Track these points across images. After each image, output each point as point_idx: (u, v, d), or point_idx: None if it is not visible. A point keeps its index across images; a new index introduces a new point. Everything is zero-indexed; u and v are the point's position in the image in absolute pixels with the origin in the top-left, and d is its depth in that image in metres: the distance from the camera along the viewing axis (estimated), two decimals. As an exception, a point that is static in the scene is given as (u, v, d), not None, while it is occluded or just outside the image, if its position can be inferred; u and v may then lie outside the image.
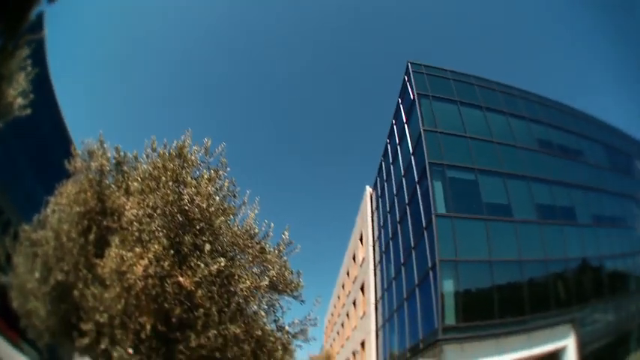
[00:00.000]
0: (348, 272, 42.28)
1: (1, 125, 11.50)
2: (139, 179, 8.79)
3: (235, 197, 9.28)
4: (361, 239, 36.78)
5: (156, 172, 8.50)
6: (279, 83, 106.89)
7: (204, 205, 8.25)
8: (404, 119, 25.09)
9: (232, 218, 9.10)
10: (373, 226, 33.53)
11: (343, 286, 45.45)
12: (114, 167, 10.57)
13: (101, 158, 10.13)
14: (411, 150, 22.91)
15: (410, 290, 21.68)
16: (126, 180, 9.89)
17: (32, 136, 16.72)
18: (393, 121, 28.32)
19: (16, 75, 10.82)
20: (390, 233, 27.33)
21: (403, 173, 24.75)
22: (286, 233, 9.52)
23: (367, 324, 30.36)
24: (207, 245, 8.12)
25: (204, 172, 8.89)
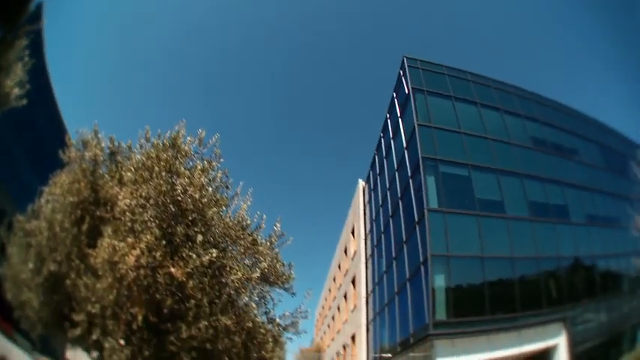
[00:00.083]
0: (340, 265, 42.72)
1: None
2: (133, 169, 8.89)
3: (228, 188, 9.47)
4: (353, 232, 37.16)
5: (149, 163, 8.60)
6: (274, 76, 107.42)
7: (196, 196, 8.38)
8: (398, 113, 25.34)
9: (225, 209, 9.26)
10: (365, 220, 33.88)
11: (334, 279, 45.90)
12: (108, 157, 10.64)
13: (95, 148, 10.19)
14: (405, 144, 23.19)
15: (401, 284, 21.96)
16: (119, 170, 9.98)
17: (28, 126, 16.73)
18: (387, 115, 28.58)
19: (14, 66, 10.86)
20: (382, 227, 27.66)
21: (396, 167, 25.04)
22: (278, 225, 9.74)
23: (358, 317, 30.70)
24: (199, 236, 8.24)
25: (197, 163, 9.01)
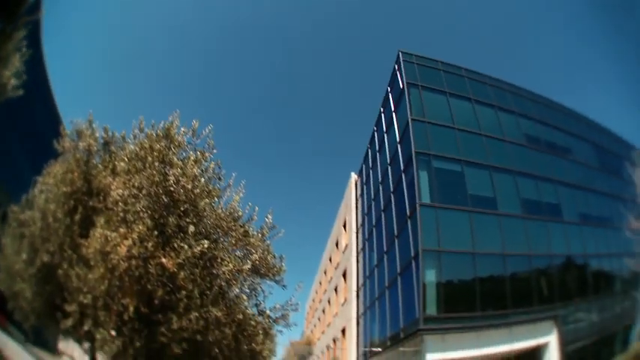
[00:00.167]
0: (331, 258, 43.23)
1: None
2: (126, 159, 8.99)
3: (220, 180, 9.61)
4: (345, 226, 37.60)
5: (142, 153, 8.71)
6: (268, 68, 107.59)
7: (189, 187, 8.50)
8: (392, 108, 25.64)
9: (217, 201, 9.40)
10: (357, 213, 34.31)
11: (325, 272, 46.48)
12: (101, 147, 10.74)
13: (89, 138, 10.30)
14: (398, 139, 23.52)
15: (392, 279, 22.28)
16: (113, 160, 10.08)
17: (23, 116, 16.73)
18: (381, 109, 28.91)
19: (12, 57, 10.92)
20: (374, 221, 28.05)
21: (389, 161, 25.39)
22: (270, 217, 9.90)
23: (348, 311, 31.09)
24: (191, 227, 8.35)
25: (190, 154, 9.10)
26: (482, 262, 18.75)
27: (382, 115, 28.69)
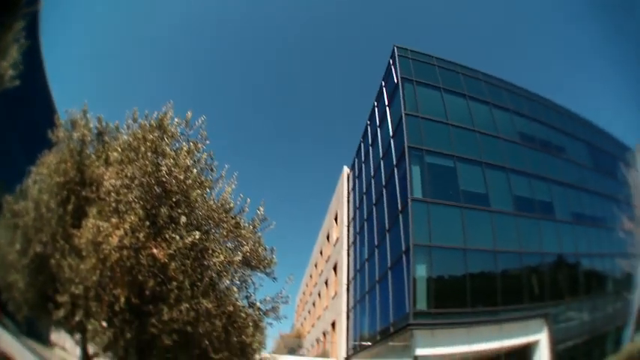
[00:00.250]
0: (322, 251, 43.66)
1: None
2: (119, 150, 9.06)
3: (213, 171, 9.66)
4: (336, 219, 38.07)
5: (136, 143, 8.79)
6: (261, 61, 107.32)
7: (181, 177, 8.57)
8: (386, 102, 25.96)
9: (209, 192, 9.46)
10: (349, 207, 34.74)
11: (316, 265, 46.92)
12: (95, 137, 10.76)
13: (83, 128, 10.27)
14: (391, 133, 23.83)
15: (382, 273, 22.63)
16: (106, 150, 10.12)
17: (19, 107, 16.73)
18: (375, 104, 29.26)
19: (10, 47, 10.98)
20: (365, 214, 28.44)
21: (382, 156, 25.71)
22: (261, 209, 9.98)
23: (338, 304, 31.51)
24: (182, 218, 8.41)
25: (183, 145, 9.17)
26: (473, 258, 19.03)
27: (376, 110, 29.02)
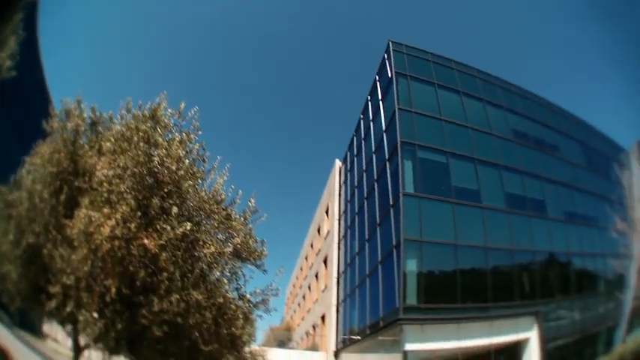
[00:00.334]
0: (312, 244, 44.14)
1: None
2: (112, 140, 9.12)
3: (205, 162, 9.75)
4: (327, 212, 38.50)
5: (128, 133, 8.89)
6: (254, 51, 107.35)
7: (173, 168, 8.68)
8: (379, 96, 26.26)
9: (200, 183, 9.55)
10: (340, 200, 35.16)
11: (306, 258, 47.48)
12: (89, 127, 10.87)
13: (77, 118, 10.27)
14: (384, 127, 24.12)
15: (373, 267, 22.95)
16: (99, 140, 10.14)
17: (15, 97, 16.76)
18: (369, 98, 29.58)
19: (9, 39, 11.06)
20: (357, 208, 28.79)
21: (374, 150, 26.04)
22: (252, 201, 10.10)
23: (328, 297, 31.98)
24: (174, 208, 8.53)
25: (175, 135, 9.26)
26: (464, 254, 19.34)
27: (369, 104, 29.33)
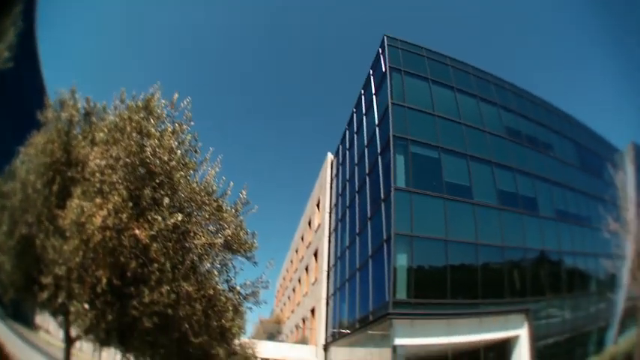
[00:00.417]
0: (303, 237, 44.58)
1: None
2: (105, 130, 9.20)
3: (197, 153, 9.82)
4: (318, 205, 38.76)
5: (121, 124, 8.96)
6: (247, 43, 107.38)
7: (165, 158, 8.76)
8: (373, 91, 26.53)
9: (192, 174, 9.65)
10: (331, 193, 35.52)
11: (297, 251, 47.98)
12: (83, 118, 11.06)
13: (71, 109, 10.29)
14: (377, 122, 24.39)
15: (363, 261, 23.23)
16: (92, 131, 10.17)
17: (11, 88, 16.80)
18: (362, 92, 29.87)
19: (8, 30, 11.14)
20: (348, 202, 29.12)
21: (366, 144, 26.35)
22: (244, 192, 10.22)
23: (318, 291, 32.37)
24: (165, 199, 8.65)
25: (168, 126, 9.32)
26: (454, 250, 19.64)
27: (362, 98, 29.60)
